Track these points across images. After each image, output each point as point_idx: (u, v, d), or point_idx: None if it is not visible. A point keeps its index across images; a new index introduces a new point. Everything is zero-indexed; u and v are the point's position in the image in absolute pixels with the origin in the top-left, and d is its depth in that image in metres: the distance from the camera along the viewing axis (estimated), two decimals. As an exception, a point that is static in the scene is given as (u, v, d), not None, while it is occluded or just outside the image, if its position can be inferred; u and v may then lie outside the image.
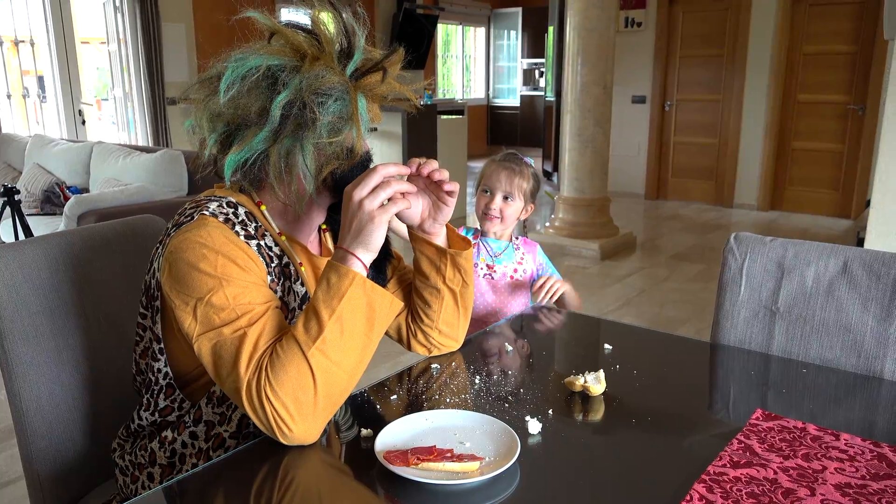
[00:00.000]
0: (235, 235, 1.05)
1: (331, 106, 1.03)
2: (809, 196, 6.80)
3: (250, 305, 1.00)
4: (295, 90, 1.02)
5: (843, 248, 1.43)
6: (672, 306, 4.15)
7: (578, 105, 5.13)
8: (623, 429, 1.09)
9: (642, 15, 7.33)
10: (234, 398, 0.99)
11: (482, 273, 1.87)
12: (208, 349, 0.99)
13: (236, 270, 1.01)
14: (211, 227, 1.03)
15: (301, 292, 1.15)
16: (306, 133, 1.03)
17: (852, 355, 1.39)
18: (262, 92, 1.03)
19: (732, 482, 0.91)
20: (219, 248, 1.01)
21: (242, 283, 1.01)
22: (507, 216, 1.84)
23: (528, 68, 11.35)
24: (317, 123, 1.02)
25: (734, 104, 6.95)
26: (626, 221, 6.06)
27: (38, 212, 4.32)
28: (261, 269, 1.06)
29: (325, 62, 1.05)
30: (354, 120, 1.06)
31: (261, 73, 1.03)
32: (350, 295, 0.99)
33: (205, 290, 1.00)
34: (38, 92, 6.29)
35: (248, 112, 1.04)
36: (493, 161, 1.88)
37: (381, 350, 1.14)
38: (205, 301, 0.99)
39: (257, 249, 1.07)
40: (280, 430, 0.96)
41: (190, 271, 1.01)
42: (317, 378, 0.96)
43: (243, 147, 1.05)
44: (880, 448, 0.99)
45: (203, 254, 1.01)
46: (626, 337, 1.57)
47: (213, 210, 1.07)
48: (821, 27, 6.47)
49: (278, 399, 0.95)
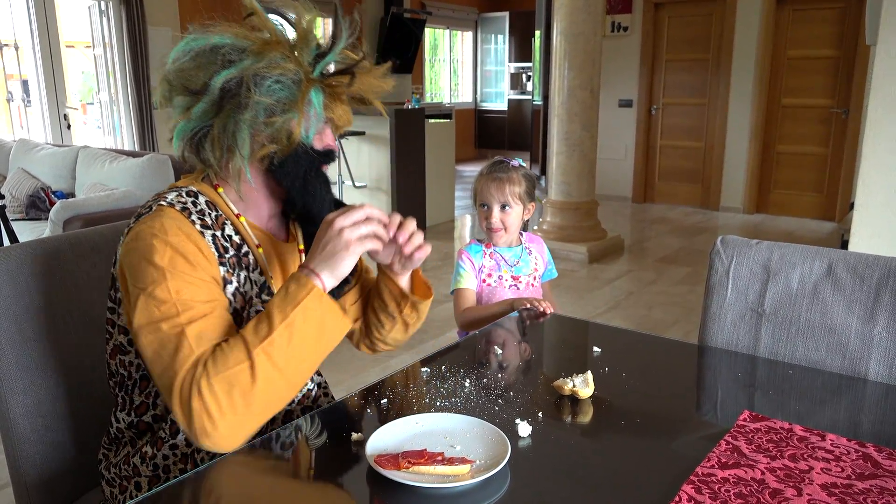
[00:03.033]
0: (191, 225, 1.06)
1: (273, 89, 1.05)
2: (794, 199, 6.86)
3: (192, 303, 1.00)
4: (240, 70, 1.05)
5: (827, 250, 1.45)
6: (659, 309, 4.18)
7: (566, 109, 5.15)
8: (612, 431, 1.10)
9: (628, 19, 7.38)
10: (165, 395, 0.98)
11: (507, 285, 1.88)
12: (146, 342, 0.99)
13: (183, 264, 1.02)
14: (165, 218, 1.04)
15: (260, 281, 1.15)
16: (243, 112, 1.05)
17: (837, 356, 1.41)
18: (210, 66, 1.06)
19: (720, 483, 0.92)
20: (169, 240, 1.02)
21: (188, 278, 1.02)
22: (510, 224, 1.86)
23: (515, 72, 11.38)
24: (251, 103, 1.04)
25: (719, 108, 7.01)
26: (613, 225, 6.09)
27: (24, 217, 4.28)
28: (212, 264, 1.06)
29: (283, 51, 1.08)
30: (299, 109, 1.07)
31: (208, 48, 1.06)
32: (305, 304, 1.00)
33: (149, 281, 1.00)
34: (22, 96, 6.24)
35: (191, 83, 1.07)
36: (482, 175, 1.89)
37: (371, 355, 1.14)
38: (147, 292, 1.00)
39: (212, 240, 1.08)
40: (203, 428, 0.94)
41: (140, 261, 1.02)
42: (257, 377, 0.96)
43: (186, 118, 1.08)
44: (865, 448, 1.01)
45: (153, 244, 1.02)
46: (614, 340, 1.57)
47: (172, 199, 1.08)
48: (804, 32, 6.54)
49: (211, 391, 0.94)
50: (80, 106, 7.66)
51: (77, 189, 4.47)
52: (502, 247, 1.91)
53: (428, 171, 6.20)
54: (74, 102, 6.77)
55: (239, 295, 1.11)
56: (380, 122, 6.00)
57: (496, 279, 1.89)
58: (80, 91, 8.88)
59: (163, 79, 1.10)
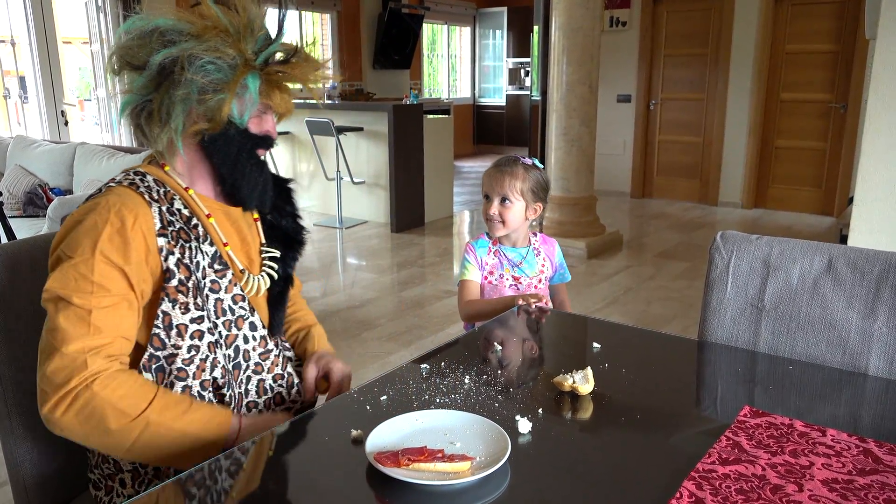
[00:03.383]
0: (139, 197, 1.13)
1: (206, 69, 1.11)
2: (793, 194, 6.86)
3: (106, 289, 1.06)
4: (179, 49, 1.12)
5: (827, 245, 1.45)
6: (658, 304, 4.18)
7: (564, 104, 5.14)
8: (612, 427, 1.10)
9: (627, 14, 7.36)
10: (43, 357, 1.05)
11: (508, 284, 1.87)
12: (52, 308, 1.06)
13: (115, 248, 1.07)
14: (112, 195, 1.12)
15: (210, 251, 1.19)
16: (178, 89, 1.12)
17: (837, 352, 1.41)
18: (151, 45, 1.13)
19: (721, 479, 0.91)
20: (111, 219, 1.08)
21: (112, 266, 1.07)
22: (509, 219, 1.84)
23: (513, 67, 11.36)
24: (184, 80, 1.11)
25: (718, 103, 7.00)
26: (612, 220, 6.08)
27: (21, 214, 4.27)
28: (151, 246, 1.11)
29: (224, 36, 1.14)
30: (230, 90, 1.13)
31: (150, 28, 1.14)
32: (206, 437, 1.11)
33: (78, 252, 1.07)
34: (19, 92, 6.22)
35: (134, 59, 1.14)
36: (490, 167, 1.91)
37: (370, 351, 1.15)
38: (73, 262, 1.06)
39: (158, 213, 1.13)
40: (51, 410, 1.03)
41: (75, 227, 1.09)
42: (123, 430, 1.05)
43: (130, 92, 1.16)
44: (866, 443, 1.01)
45: (95, 221, 1.08)
46: (613, 335, 1.57)
47: (119, 179, 1.17)
48: (803, 26, 6.53)
49: (87, 402, 1.03)
50: (78, 102, 7.64)
51: (75, 186, 4.46)
52: (506, 244, 1.90)
53: (426, 166, 6.19)
54: (72, 99, 6.75)
55: (182, 266, 1.15)
56: (378, 118, 5.99)
57: (497, 277, 1.88)
58: (78, 87, 8.85)
59: (111, 53, 1.18)
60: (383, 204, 6.16)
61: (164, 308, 1.14)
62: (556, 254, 1.95)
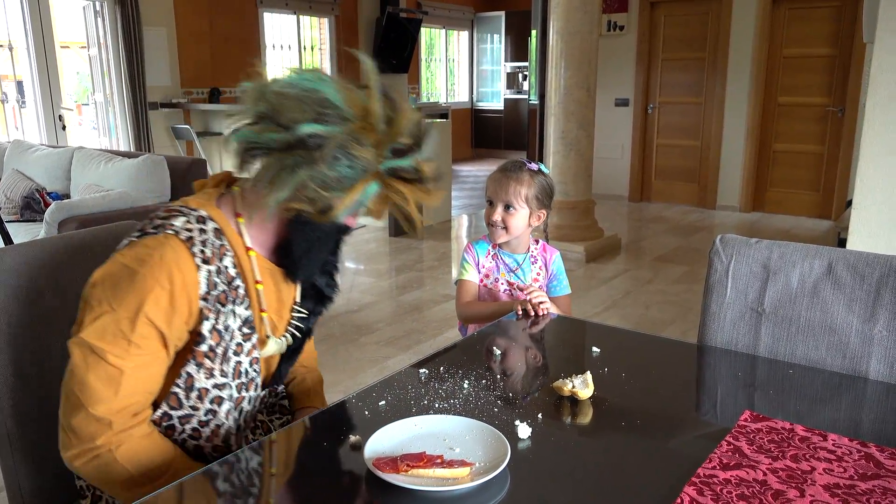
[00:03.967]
0: (190, 259, 1.07)
1: (341, 166, 1.05)
2: (790, 197, 6.86)
3: (142, 349, 1.04)
4: (329, 132, 1.04)
5: (827, 249, 1.44)
6: (657, 308, 4.17)
7: (562, 108, 5.15)
8: (612, 432, 1.09)
9: (625, 18, 7.37)
10: (69, 409, 1.05)
11: (503, 289, 1.86)
12: (82, 358, 1.03)
13: (161, 311, 1.04)
14: (168, 249, 1.06)
15: (244, 315, 1.15)
16: (304, 168, 1.05)
17: (838, 356, 1.40)
18: (307, 109, 1.05)
19: (722, 484, 0.91)
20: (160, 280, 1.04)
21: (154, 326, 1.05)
22: (512, 226, 1.81)
23: (511, 71, 11.37)
24: (316, 167, 1.04)
25: (716, 107, 7.01)
26: (610, 224, 6.08)
27: (18, 218, 4.26)
28: (193, 310, 1.08)
29: (374, 138, 1.07)
30: (349, 193, 1.07)
31: (315, 96, 1.05)
32: None
33: (124, 307, 1.03)
34: (16, 97, 6.21)
35: (281, 114, 1.06)
36: (495, 171, 1.88)
37: (368, 356, 1.14)
38: (116, 316, 1.03)
39: (206, 276, 1.09)
40: (73, 455, 1.06)
41: (124, 276, 1.04)
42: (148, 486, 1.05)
43: (257, 132, 1.07)
44: (867, 448, 1.00)
45: (144, 276, 1.04)
46: (612, 339, 1.57)
47: (179, 227, 1.09)
48: (800, 30, 6.54)
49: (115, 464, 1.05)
50: (75, 107, 7.64)
51: (72, 190, 4.45)
52: (505, 249, 1.89)
53: (425, 170, 6.19)
54: (69, 103, 6.75)
55: (215, 332, 1.11)
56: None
57: (493, 281, 1.87)
58: (75, 92, 8.85)
59: (261, 89, 1.09)
60: (382, 208, 6.15)
61: (188, 370, 1.11)
62: (554, 263, 1.92)
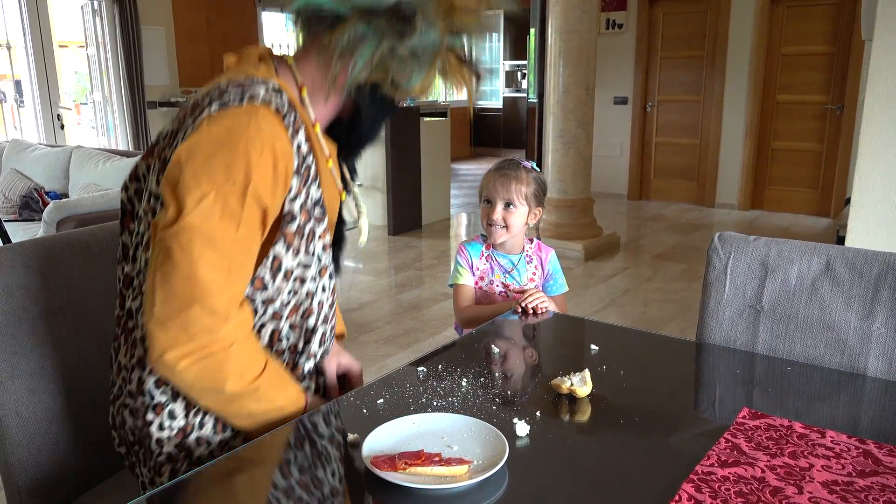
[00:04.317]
0: (284, 132, 0.97)
1: (428, 37, 0.99)
2: (789, 195, 6.87)
3: (249, 230, 0.96)
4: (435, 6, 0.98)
5: (825, 246, 1.44)
6: (656, 306, 4.18)
7: (561, 106, 5.15)
8: (611, 430, 1.09)
9: (623, 17, 7.38)
10: (177, 303, 0.93)
11: (498, 290, 1.85)
12: (187, 241, 0.91)
13: (268, 187, 0.95)
14: (262, 119, 0.94)
15: (316, 196, 1.08)
16: (391, 37, 0.98)
17: (836, 353, 1.40)
18: None
19: (721, 481, 0.91)
20: (264, 148, 0.93)
21: (260, 205, 0.96)
22: (512, 224, 1.80)
23: (510, 70, 11.38)
24: (405, 37, 0.97)
25: (714, 105, 7.01)
26: (609, 222, 6.08)
27: (17, 218, 4.26)
28: (288, 185, 1.00)
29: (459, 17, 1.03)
30: (430, 66, 1.03)
31: None
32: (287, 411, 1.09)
33: (229, 181, 0.91)
34: (15, 96, 6.21)
35: None
36: (490, 171, 1.86)
37: (367, 354, 1.14)
38: (222, 192, 0.91)
39: (297, 149, 1.00)
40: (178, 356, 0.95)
41: (220, 152, 0.91)
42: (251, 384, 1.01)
43: None
44: (866, 445, 1.00)
45: (247, 150, 0.92)
46: (611, 337, 1.57)
47: (263, 97, 0.97)
48: (799, 28, 6.55)
49: (226, 362, 0.97)
50: (74, 106, 7.62)
51: (70, 189, 4.45)
52: (499, 250, 1.87)
53: (423, 169, 6.19)
54: (68, 102, 6.74)
55: (304, 210, 1.05)
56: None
57: (487, 283, 1.86)
58: (74, 91, 8.84)
59: None
60: (380, 207, 6.15)
61: (276, 250, 1.03)
62: (549, 261, 1.90)
